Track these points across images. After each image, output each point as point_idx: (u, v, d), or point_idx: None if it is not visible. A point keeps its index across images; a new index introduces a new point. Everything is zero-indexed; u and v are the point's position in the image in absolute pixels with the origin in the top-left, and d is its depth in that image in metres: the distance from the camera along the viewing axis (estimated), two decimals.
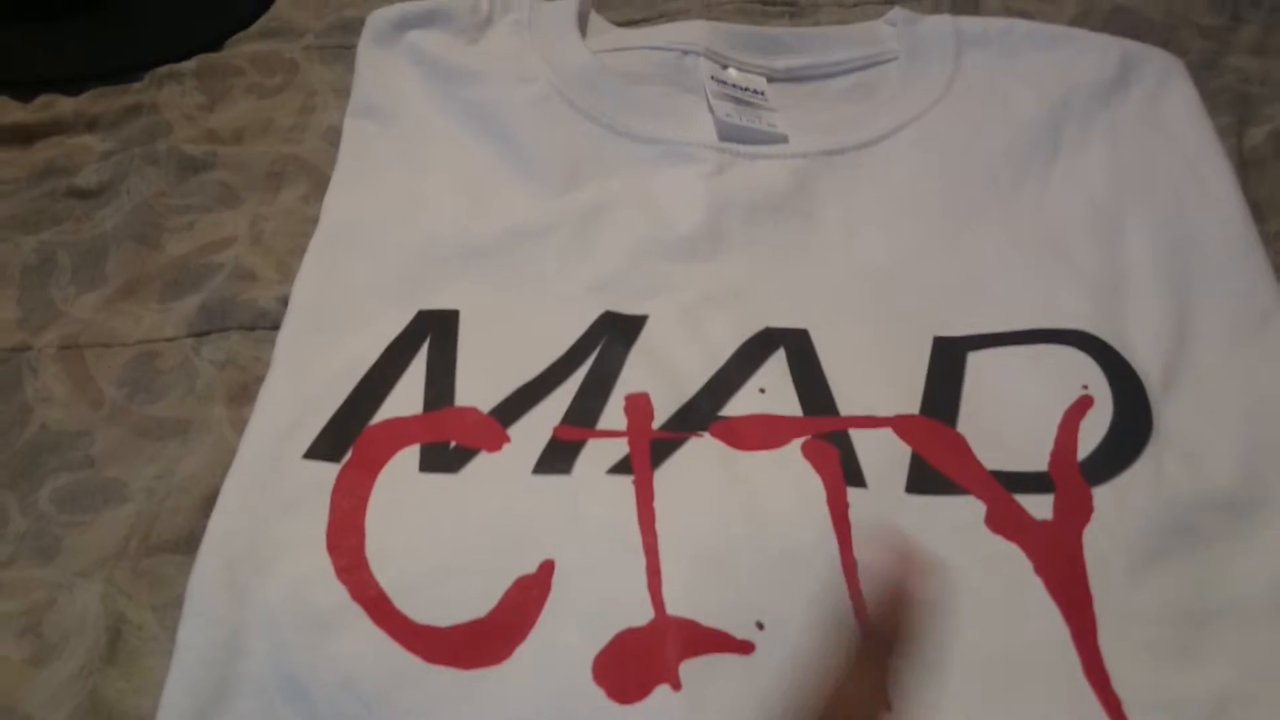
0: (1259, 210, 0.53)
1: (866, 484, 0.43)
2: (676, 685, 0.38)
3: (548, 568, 0.41)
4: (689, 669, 0.38)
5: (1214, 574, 0.40)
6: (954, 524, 0.41)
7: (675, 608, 0.39)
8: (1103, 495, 0.42)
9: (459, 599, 0.40)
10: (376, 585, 0.40)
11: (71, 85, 0.63)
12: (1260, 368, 0.46)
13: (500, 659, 0.39)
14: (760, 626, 0.39)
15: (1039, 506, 0.42)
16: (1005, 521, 0.41)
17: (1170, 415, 0.45)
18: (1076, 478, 0.42)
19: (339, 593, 0.40)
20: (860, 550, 0.41)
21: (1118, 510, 0.41)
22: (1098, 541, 0.41)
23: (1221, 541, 0.41)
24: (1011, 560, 0.40)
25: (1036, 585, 0.40)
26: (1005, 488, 0.42)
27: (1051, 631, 0.39)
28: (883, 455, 0.43)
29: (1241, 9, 0.65)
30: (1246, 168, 0.55)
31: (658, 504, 0.42)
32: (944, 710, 0.38)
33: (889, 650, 0.36)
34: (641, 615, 0.39)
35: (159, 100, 0.62)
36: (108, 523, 0.44)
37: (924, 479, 0.43)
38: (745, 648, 0.39)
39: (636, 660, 0.38)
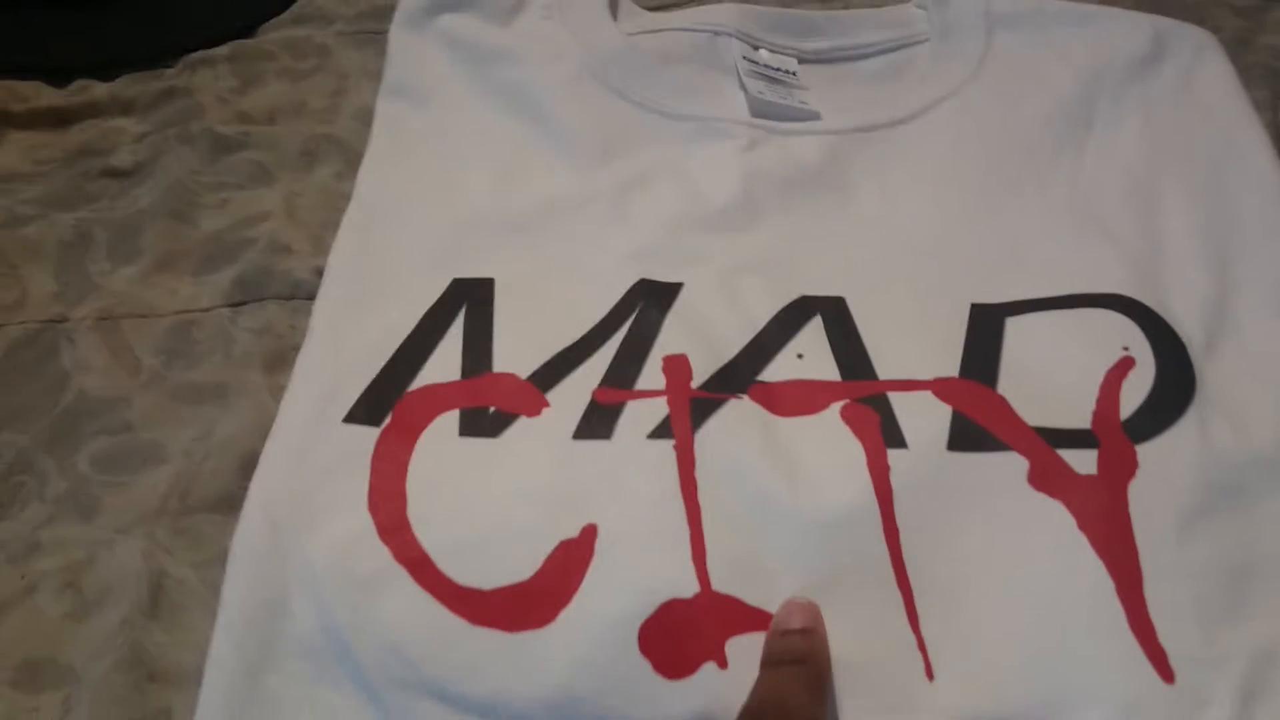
0: None
1: (907, 445, 0.42)
2: (723, 663, 0.38)
3: (591, 532, 0.41)
4: (734, 647, 0.38)
5: (1259, 531, 0.40)
6: (997, 480, 0.41)
7: (720, 583, 0.39)
8: (1147, 452, 0.42)
9: (502, 562, 0.40)
10: (419, 547, 0.40)
11: (106, 71, 0.63)
12: None
13: (545, 622, 0.39)
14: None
15: (1083, 462, 0.42)
16: (1049, 477, 0.41)
17: (1213, 377, 0.44)
18: (1120, 435, 0.42)
19: (382, 554, 0.40)
20: (903, 513, 0.40)
21: (1162, 467, 0.41)
22: (1143, 497, 0.40)
23: (1267, 500, 0.41)
24: (1055, 516, 0.40)
25: (1081, 540, 0.40)
26: (1048, 444, 0.42)
27: (1097, 585, 0.39)
28: (923, 416, 0.43)
29: None
30: None
31: (699, 473, 0.42)
32: (987, 668, 0.38)
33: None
34: (687, 588, 0.39)
35: (192, 84, 0.62)
36: (146, 483, 0.44)
37: (966, 436, 0.42)
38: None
39: (683, 634, 0.38)
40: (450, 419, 0.44)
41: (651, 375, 0.45)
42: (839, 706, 0.37)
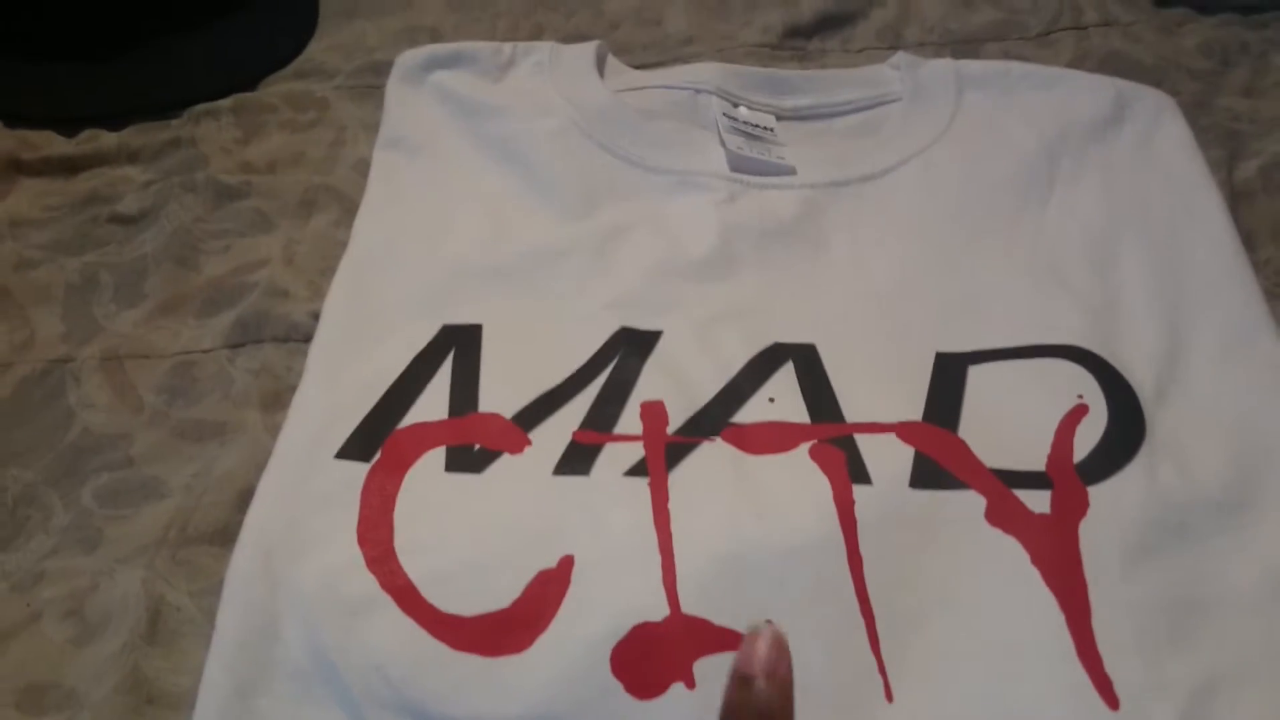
0: (1250, 239, 0.55)
1: (871, 481, 0.44)
2: (691, 684, 0.40)
3: (567, 563, 0.43)
4: (703, 668, 0.40)
5: (1204, 568, 0.42)
6: (955, 516, 0.43)
7: (689, 606, 0.41)
8: (1098, 493, 0.44)
9: (483, 590, 0.42)
10: (405, 576, 0.43)
11: (114, 121, 0.66)
12: (1249, 382, 0.48)
13: (522, 648, 0.41)
14: (769, 624, 0.41)
15: (1037, 502, 0.44)
16: (1004, 515, 0.43)
17: (1162, 424, 0.47)
18: (1073, 477, 0.44)
19: (369, 582, 0.42)
20: (866, 544, 0.43)
21: (1113, 507, 0.43)
22: (1093, 535, 0.43)
23: (1211, 538, 0.43)
24: (1010, 552, 0.42)
25: (1033, 575, 0.42)
26: (1005, 484, 0.44)
27: (1047, 618, 0.41)
28: (887, 455, 0.45)
29: (1230, 54, 0.67)
30: (1237, 199, 0.58)
31: (672, 505, 0.44)
32: (944, 692, 0.40)
33: None
34: (657, 611, 0.41)
35: (197, 135, 0.65)
36: (147, 516, 0.47)
37: (927, 475, 0.45)
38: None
39: (653, 656, 0.40)
40: (437, 455, 0.46)
41: (630, 420, 0.47)
42: None
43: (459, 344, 0.51)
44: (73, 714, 0.41)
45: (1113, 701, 0.38)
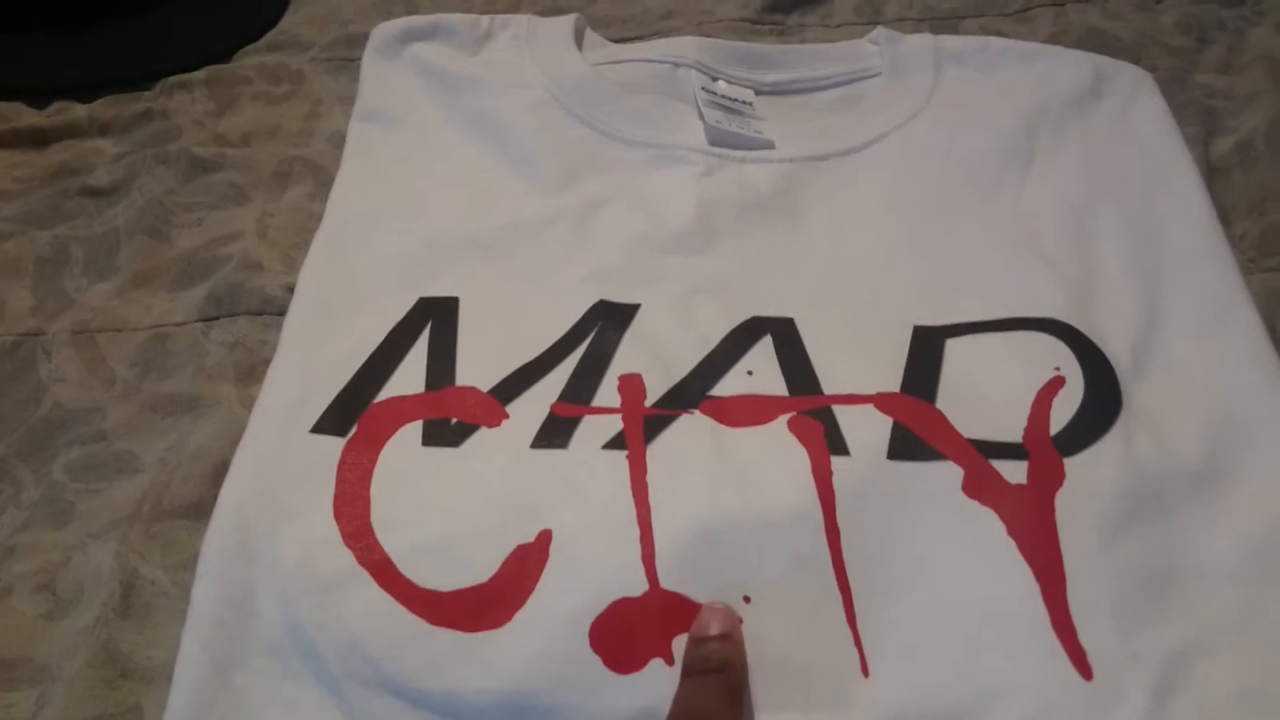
0: (1225, 215, 0.55)
1: (850, 453, 0.44)
2: (670, 659, 0.40)
3: (546, 537, 0.43)
4: (681, 644, 0.40)
5: (1179, 539, 0.42)
6: (933, 488, 0.44)
7: (668, 581, 0.41)
8: (1074, 465, 0.44)
9: (461, 565, 0.42)
10: (381, 551, 0.42)
11: (85, 93, 0.65)
12: (1224, 353, 0.48)
13: (501, 623, 0.41)
14: (747, 600, 0.41)
15: (1013, 473, 0.44)
16: (981, 486, 0.43)
17: (1139, 395, 0.47)
18: (1049, 448, 0.44)
19: (345, 557, 0.42)
20: (844, 516, 0.43)
21: (1088, 479, 0.43)
22: (1069, 506, 0.43)
23: (1186, 509, 0.43)
24: (986, 523, 0.42)
25: (1009, 546, 0.42)
26: (982, 455, 0.44)
27: (1022, 589, 0.41)
28: (865, 427, 0.45)
29: (1208, 31, 0.67)
30: (1213, 175, 0.58)
31: (650, 478, 0.44)
32: (919, 664, 0.40)
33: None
34: (636, 587, 0.41)
35: (169, 107, 0.64)
36: (120, 490, 0.46)
37: (905, 447, 0.45)
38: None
39: (631, 631, 0.40)
40: (414, 429, 0.46)
41: (608, 392, 0.47)
42: (779, 701, 0.39)
43: (436, 317, 0.50)
44: (45, 688, 0.40)
45: (1087, 672, 0.39)
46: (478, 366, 0.49)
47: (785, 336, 0.50)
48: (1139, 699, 0.38)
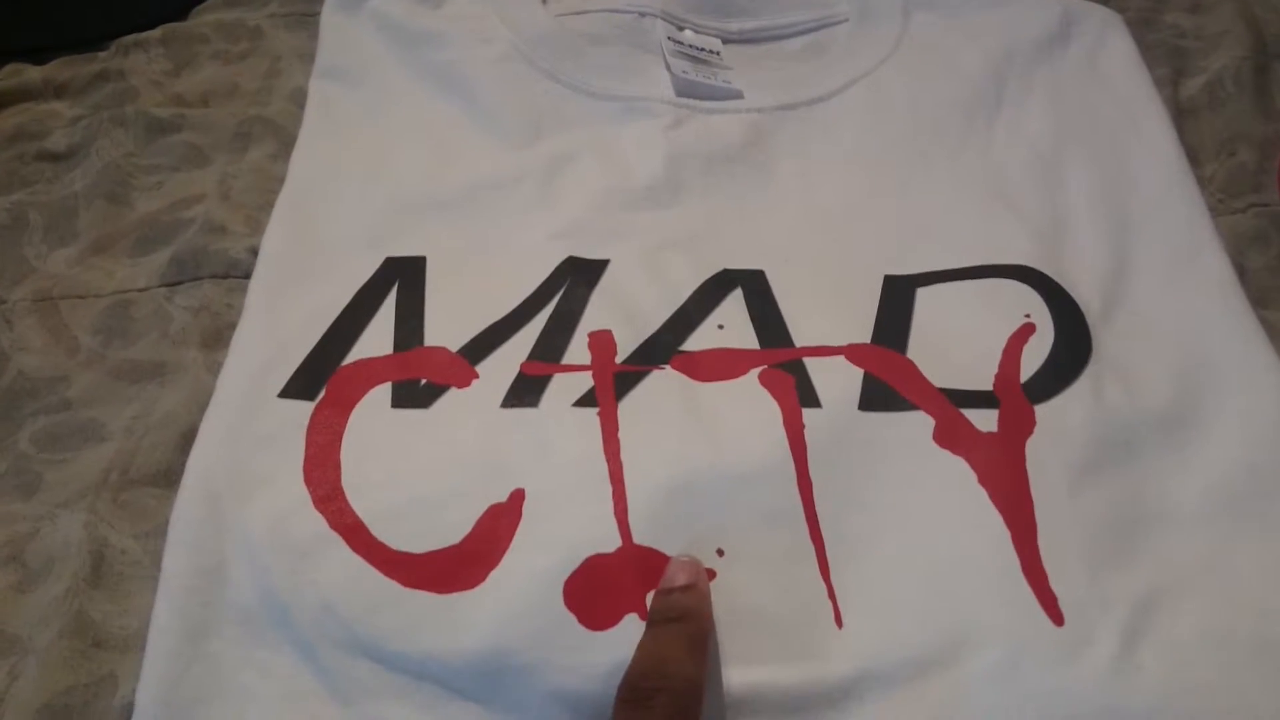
0: (1194, 155, 0.55)
1: (821, 405, 0.44)
2: (645, 614, 0.40)
3: (518, 496, 0.43)
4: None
5: (1148, 484, 0.43)
6: (904, 438, 0.44)
7: (640, 536, 0.41)
8: (1044, 412, 0.44)
9: (433, 527, 0.42)
10: (354, 514, 0.42)
11: (38, 55, 0.64)
12: (1193, 297, 0.48)
13: (474, 584, 0.41)
14: (720, 554, 0.41)
15: (984, 421, 0.44)
16: (952, 435, 0.43)
17: (1108, 341, 0.47)
18: (1019, 396, 0.45)
19: (317, 522, 0.42)
20: (816, 468, 0.43)
21: (1058, 425, 0.44)
22: (1039, 453, 0.43)
23: (1155, 455, 0.43)
24: (957, 471, 0.43)
25: (980, 495, 0.42)
26: (953, 404, 0.44)
27: (993, 536, 0.41)
28: (836, 378, 0.45)
29: None
30: (1182, 116, 0.58)
31: (622, 434, 0.44)
32: (891, 614, 0.40)
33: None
34: (609, 543, 0.41)
35: (125, 67, 0.63)
36: (87, 459, 0.46)
37: (876, 397, 0.45)
38: (707, 575, 0.41)
39: (605, 587, 0.40)
40: (383, 391, 0.46)
41: (578, 350, 0.47)
42: (752, 653, 0.39)
43: (403, 277, 0.50)
44: (18, 660, 0.40)
45: (1057, 617, 0.39)
46: (446, 326, 0.48)
47: (755, 289, 0.49)
48: (1109, 643, 0.38)
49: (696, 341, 0.47)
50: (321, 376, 0.46)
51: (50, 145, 0.59)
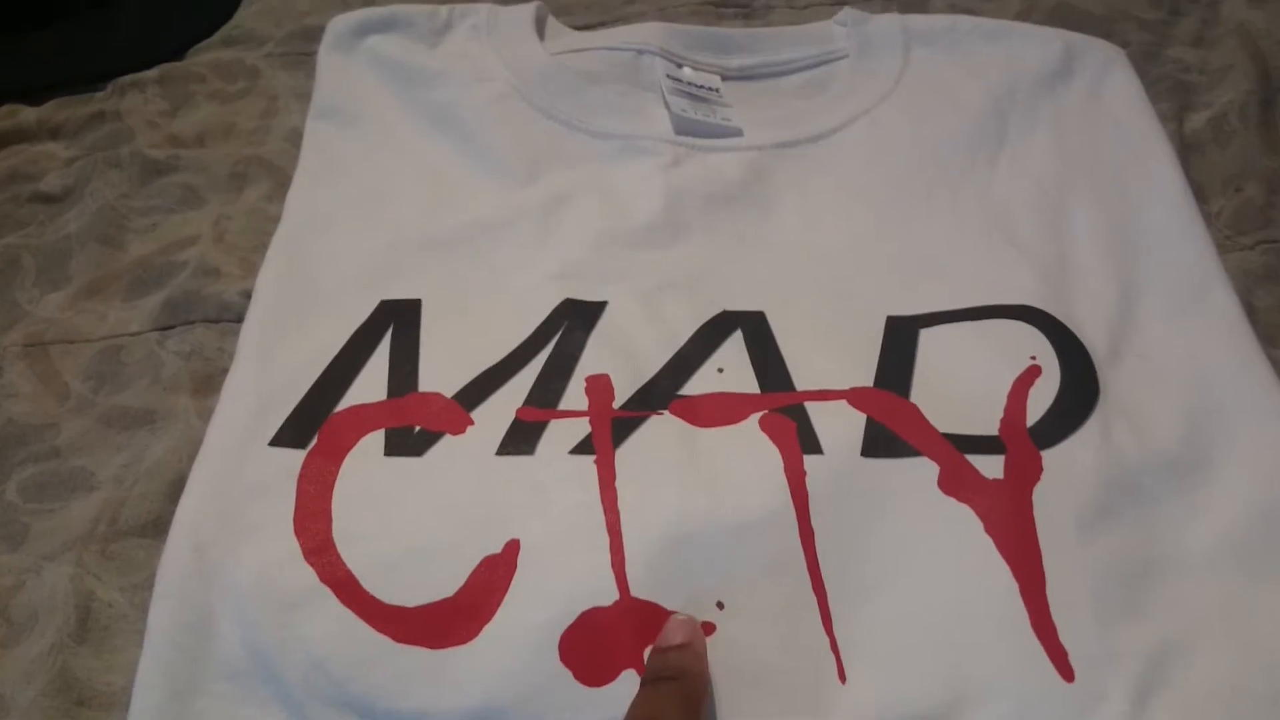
0: (1200, 191, 0.55)
1: (823, 451, 0.43)
2: (642, 670, 0.39)
3: (513, 547, 0.42)
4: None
5: (1158, 531, 0.41)
6: (908, 485, 0.43)
7: (638, 589, 0.40)
8: (1052, 457, 0.43)
9: (426, 579, 0.41)
10: (344, 567, 0.41)
11: (35, 95, 0.64)
12: (1202, 337, 0.47)
13: (468, 638, 0.40)
14: (720, 606, 0.40)
15: (990, 467, 0.43)
16: (957, 482, 0.42)
17: (1116, 383, 0.46)
18: (1026, 441, 0.44)
19: (307, 575, 0.41)
20: (818, 517, 0.42)
21: (1066, 471, 0.43)
22: (1047, 501, 0.42)
23: (1165, 501, 0.42)
24: (963, 520, 0.42)
25: (987, 544, 0.41)
26: (958, 449, 0.43)
27: (1001, 587, 0.40)
28: (838, 423, 0.44)
29: (1179, 3, 0.66)
30: (1187, 151, 0.57)
31: (619, 483, 0.43)
32: (896, 669, 0.39)
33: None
34: (606, 595, 0.40)
35: (122, 108, 0.63)
36: (76, 509, 0.45)
37: (879, 443, 0.44)
38: (706, 629, 0.40)
39: (602, 642, 0.39)
40: (376, 439, 0.45)
41: (575, 394, 0.46)
42: (754, 709, 0.38)
43: (398, 320, 0.49)
44: None
45: (1068, 673, 0.38)
46: (441, 371, 0.47)
47: (756, 330, 0.49)
48: (1120, 699, 0.37)
49: (696, 385, 0.47)
50: (314, 424, 0.45)
51: (45, 187, 0.59)
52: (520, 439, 0.45)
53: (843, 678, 0.39)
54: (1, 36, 0.66)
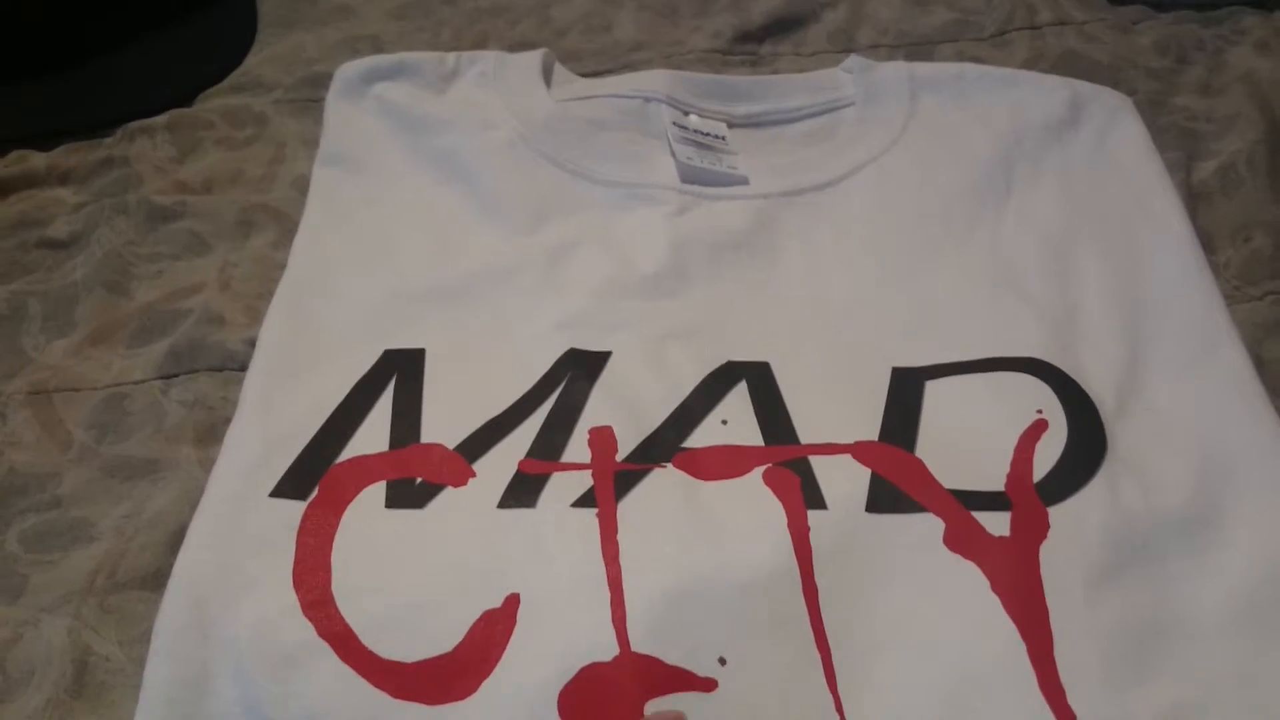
0: (1208, 241, 0.54)
1: (827, 506, 0.43)
2: None
3: (513, 602, 0.41)
4: (654, 708, 0.38)
5: (1167, 590, 0.41)
6: (913, 542, 0.42)
7: (639, 644, 0.40)
8: (1059, 514, 0.43)
9: (425, 634, 0.40)
10: (343, 621, 0.41)
11: (44, 141, 0.64)
12: (1211, 390, 0.47)
13: (466, 694, 0.39)
14: (723, 662, 0.40)
15: (996, 524, 0.43)
16: (963, 539, 0.42)
17: (1124, 438, 0.45)
18: (1033, 497, 0.43)
19: (305, 629, 0.40)
20: (822, 573, 0.41)
21: (1074, 529, 0.42)
22: (1054, 559, 0.41)
23: (1174, 559, 0.42)
24: (969, 578, 0.41)
25: (993, 603, 0.40)
26: (964, 506, 0.43)
27: (1008, 648, 0.39)
28: (842, 478, 0.44)
29: (1186, 51, 0.66)
30: (1195, 201, 0.57)
31: (621, 537, 0.43)
32: None
33: None
34: (606, 651, 0.40)
35: (130, 153, 0.63)
36: (75, 561, 0.44)
37: (884, 499, 0.43)
38: (708, 685, 0.39)
39: (602, 698, 0.39)
40: (377, 491, 0.45)
41: (578, 446, 0.46)
42: None
43: (401, 370, 0.49)
44: None
45: None
46: (444, 421, 0.47)
47: (760, 382, 0.48)
48: None
49: (699, 438, 0.46)
50: (315, 475, 0.45)
51: (52, 233, 0.58)
52: (522, 491, 0.44)
53: None
54: (12, 83, 0.66)
